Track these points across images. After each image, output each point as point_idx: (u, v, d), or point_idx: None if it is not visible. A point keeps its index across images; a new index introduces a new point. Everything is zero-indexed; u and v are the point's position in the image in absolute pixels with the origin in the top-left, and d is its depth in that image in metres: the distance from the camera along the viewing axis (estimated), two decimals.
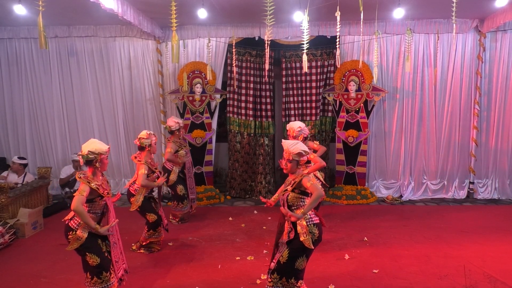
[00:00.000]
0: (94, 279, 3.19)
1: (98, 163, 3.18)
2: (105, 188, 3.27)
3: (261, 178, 6.98)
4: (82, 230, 3.13)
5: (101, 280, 3.18)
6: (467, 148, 6.91)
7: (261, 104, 6.97)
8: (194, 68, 6.77)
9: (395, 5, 5.37)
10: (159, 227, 4.57)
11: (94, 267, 3.17)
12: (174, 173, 5.35)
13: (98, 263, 3.16)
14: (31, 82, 7.17)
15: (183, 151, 5.43)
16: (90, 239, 3.15)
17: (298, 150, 3.12)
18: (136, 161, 4.45)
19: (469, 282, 3.75)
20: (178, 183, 5.47)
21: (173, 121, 5.46)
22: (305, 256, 3.12)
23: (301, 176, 3.09)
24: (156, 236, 4.58)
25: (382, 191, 7.01)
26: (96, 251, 3.18)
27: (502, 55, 6.59)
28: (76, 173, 3.23)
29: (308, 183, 3.01)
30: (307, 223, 3.06)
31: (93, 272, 3.19)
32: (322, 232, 3.15)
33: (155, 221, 4.50)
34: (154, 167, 4.56)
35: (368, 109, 6.69)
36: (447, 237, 4.97)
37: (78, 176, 3.15)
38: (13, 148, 7.36)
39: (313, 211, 3.14)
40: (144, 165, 4.37)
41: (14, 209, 5.36)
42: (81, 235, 3.12)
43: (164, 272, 4.03)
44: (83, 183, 3.11)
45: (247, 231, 5.24)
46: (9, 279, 3.95)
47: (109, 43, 7.00)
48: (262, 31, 6.62)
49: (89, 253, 3.16)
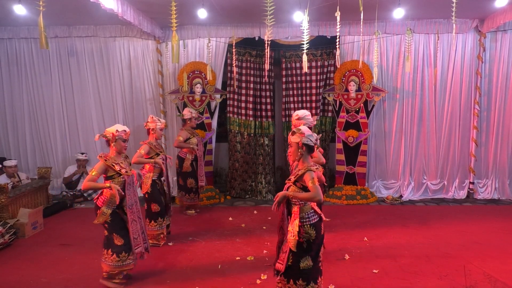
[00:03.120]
0: (113, 256, 3.62)
1: (113, 144, 3.62)
2: (123, 167, 3.65)
3: (261, 178, 6.98)
4: (106, 207, 3.58)
5: (119, 258, 3.63)
6: (467, 148, 6.91)
7: (261, 104, 6.97)
8: (194, 68, 6.77)
9: (395, 5, 5.37)
10: (159, 219, 4.73)
11: (118, 246, 3.62)
12: (188, 161, 5.73)
13: (122, 244, 3.62)
14: (31, 82, 7.17)
15: (194, 139, 5.82)
16: (117, 221, 3.62)
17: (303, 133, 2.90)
18: (140, 142, 4.86)
19: (469, 282, 3.75)
20: (190, 175, 5.81)
21: (187, 110, 5.97)
22: (308, 256, 2.92)
23: (306, 169, 2.84)
24: (158, 228, 4.74)
25: (382, 191, 7.01)
26: (123, 234, 3.64)
27: (502, 55, 6.59)
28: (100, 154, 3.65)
29: (310, 182, 2.77)
30: (303, 223, 2.88)
31: (114, 250, 3.62)
32: (321, 231, 2.98)
33: (158, 212, 4.72)
34: (159, 150, 4.82)
35: (368, 109, 6.69)
36: (447, 237, 4.97)
37: (99, 156, 3.62)
38: (13, 148, 7.36)
39: (313, 208, 2.95)
40: (146, 145, 4.71)
41: (14, 209, 5.36)
42: (105, 211, 3.56)
43: (164, 272, 4.03)
44: (100, 161, 3.56)
45: (247, 231, 5.24)
46: (9, 279, 3.94)
47: (109, 43, 7.01)
48: (262, 31, 6.63)
49: (117, 234, 3.62)
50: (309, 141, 2.92)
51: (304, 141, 2.90)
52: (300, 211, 2.91)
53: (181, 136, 5.72)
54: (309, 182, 2.78)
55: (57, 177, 7.29)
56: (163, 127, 4.89)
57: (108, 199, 3.58)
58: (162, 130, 4.89)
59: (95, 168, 3.54)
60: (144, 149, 4.69)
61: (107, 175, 3.59)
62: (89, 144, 7.33)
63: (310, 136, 2.93)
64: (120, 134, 3.63)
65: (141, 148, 4.72)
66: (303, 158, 2.94)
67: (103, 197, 3.60)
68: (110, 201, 3.58)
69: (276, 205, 2.92)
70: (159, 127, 4.80)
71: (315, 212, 2.97)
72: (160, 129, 4.82)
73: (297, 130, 2.95)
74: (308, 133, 2.93)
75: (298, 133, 2.92)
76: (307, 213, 2.91)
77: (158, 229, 4.74)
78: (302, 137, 2.90)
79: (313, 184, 2.76)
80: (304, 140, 2.90)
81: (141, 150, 4.68)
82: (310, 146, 2.93)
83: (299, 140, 2.91)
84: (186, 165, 5.76)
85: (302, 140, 2.90)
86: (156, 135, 4.81)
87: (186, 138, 5.76)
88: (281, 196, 2.91)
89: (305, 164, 2.91)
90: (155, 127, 4.76)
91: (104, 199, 3.58)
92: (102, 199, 3.60)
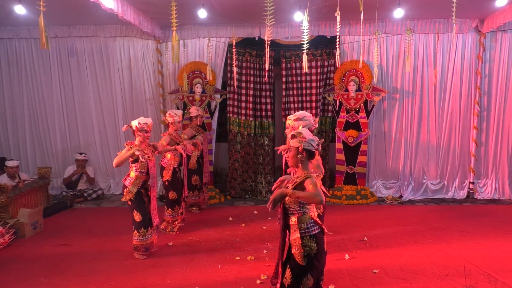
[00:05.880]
0: (135, 232, 4.30)
1: (137, 134, 4.23)
2: (146, 153, 4.23)
3: (261, 178, 6.98)
4: (132, 186, 4.25)
5: (139, 233, 4.29)
6: (467, 148, 6.91)
7: (261, 104, 6.97)
8: (194, 68, 6.77)
9: (395, 5, 5.37)
10: (176, 206, 5.20)
11: (137, 222, 4.27)
12: (194, 157, 5.89)
13: (140, 220, 4.27)
14: (31, 82, 7.17)
15: (200, 136, 6.00)
16: (139, 200, 4.28)
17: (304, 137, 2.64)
18: (162, 134, 5.45)
19: (469, 282, 3.75)
20: (194, 172, 5.93)
21: (194, 108, 6.11)
22: (309, 274, 2.56)
23: (306, 176, 2.57)
24: (174, 214, 5.21)
25: (382, 191, 7.01)
26: (141, 211, 4.28)
27: (502, 55, 6.59)
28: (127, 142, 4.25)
29: (311, 185, 2.49)
30: (303, 234, 2.57)
31: (135, 226, 4.30)
32: (323, 243, 2.66)
33: (174, 200, 5.18)
34: (179, 140, 5.32)
35: (368, 109, 6.69)
36: (447, 237, 4.97)
37: (125, 143, 4.23)
38: (13, 148, 7.36)
39: (313, 219, 2.65)
40: (167, 136, 5.20)
41: (14, 209, 5.36)
42: (132, 189, 4.24)
43: (164, 272, 4.03)
44: (126, 147, 4.18)
45: (247, 231, 5.24)
46: (9, 279, 3.94)
47: (109, 43, 7.01)
48: (262, 31, 6.62)
49: (137, 210, 4.27)
50: (310, 146, 2.63)
51: (305, 146, 2.61)
52: (298, 221, 2.60)
53: (186, 133, 5.85)
54: (310, 186, 2.50)
55: (57, 177, 7.29)
56: (180, 119, 5.36)
57: (134, 180, 4.25)
58: (180, 122, 5.37)
59: (120, 152, 4.20)
60: (165, 140, 5.16)
61: (133, 159, 4.22)
62: (89, 144, 7.33)
63: (312, 141, 2.65)
64: (142, 126, 4.22)
65: (162, 139, 5.20)
66: (302, 164, 2.65)
67: (130, 178, 4.28)
68: (136, 182, 4.26)
69: (271, 204, 2.58)
70: (177, 120, 5.30)
71: (316, 223, 2.65)
72: (178, 122, 5.32)
73: (297, 133, 2.66)
74: (310, 137, 2.65)
75: (299, 137, 2.63)
76: (306, 223, 2.59)
77: (174, 216, 5.21)
78: (303, 142, 2.62)
79: (314, 187, 2.49)
80: (305, 145, 2.62)
81: (162, 141, 5.13)
82: (311, 151, 2.65)
83: (299, 144, 2.62)
84: (192, 162, 5.88)
85: (303, 145, 2.62)
86: (175, 127, 5.32)
87: (192, 135, 5.92)
88: (278, 194, 2.57)
89: (305, 171, 2.63)
90: (174, 121, 5.28)
91: (131, 180, 4.26)
92: (130, 180, 4.27)
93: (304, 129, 2.78)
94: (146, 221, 4.31)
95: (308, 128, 3.75)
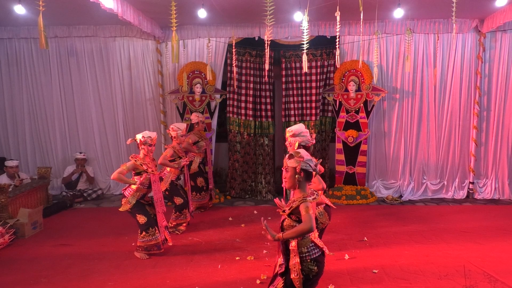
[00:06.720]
0: (143, 233, 4.32)
1: (141, 147, 4.29)
2: (150, 167, 4.30)
3: (261, 178, 6.98)
4: (131, 197, 4.28)
5: (148, 234, 4.32)
6: (467, 148, 6.91)
7: (261, 104, 6.97)
8: (194, 68, 6.77)
9: (395, 5, 5.37)
10: (184, 210, 5.20)
11: (143, 225, 4.31)
12: (195, 163, 5.97)
13: (146, 221, 4.31)
14: (31, 82, 7.17)
15: (203, 142, 6.07)
16: (139, 205, 4.31)
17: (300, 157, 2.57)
18: (165, 146, 5.48)
19: (469, 282, 3.75)
20: (198, 175, 5.99)
21: (195, 115, 6.18)
22: None
23: (301, 200, 2.50)
24: (182, 218, 5.21)
25: (382, 191, 7.01)
26: (144, 213, 4.32)
27: (502, 55, 6.59)
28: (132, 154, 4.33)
29: (304, 211, 2.45)
30: (303, 258, 2.52)
31: (142, 228, 4.32)
32: (323, 266, 2.63)
33: (182, 204, 5.17)
34: (182, 154, 5.34)
35: (368, 109, 6.69)
36: (447, 237, 4.97)
37: (130, 156, 4.30)
38: (13, 148, 7.36)
39: (314, 242, 2.60)
40: (170, 149, 5.20)
41: (14, 209, 5.36)
42: (130, 200, 4.27)
43: (164, 272, 4.03)
44: (130, 160, 4.25)
45: (247, 231, 5.24)
46: (9, 279, 3.94)
47: (109, 43, 7.01)
48: (262, 31, 6.62)
49: (139, 214, 4.30)
50: (308, 167, 2.56)
51: (302, 166, 2.54)
52: (298, 245, 2.54)
53: (191, 138, 5.90)
54: (303, 210, 2.46)
55: (57, 177, 7.29)
56: (183, 133, 5.38)
57: (134, 192, 4.29)
58: (183, 136, 5.39)
59: (126, 165, 4.23)
60: (168, 153, 5.17)
61: (136, 172, 4.28)
62: (89, 144, 7.33)
63: (310, 161, 2.58)
64: (146, 139, 4.28)
65: (165, 151, 5.22)
66: (300, 186, 2.58)
67: (130, 189, 4.31)
68: (135, 194, 4.30)
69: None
70: (180, 134, 5.30)
71: (316, 246, 2.60)
72: (181, 136, 5.32)
73: (295, 153, 2.60)
74: (307, 158, 2.59)
75: (297, 157, 2.56)
76: (306, 247, 2.55)
77: (183, 219, 5.24)
78: (301, 162, 2.55)
79: (306, 213, 2.44)
80: (303, 165, 2.55)
81: (166, 153, 5.14)
82: (308, 172, 2.59)
83: (296, 165, 2.55)
84: (193, 167, 5.93)
85: (300, 164, 2.54)
86: (178, 141, 5.31)
87: (195, 141, 5.96)
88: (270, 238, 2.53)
89: (302, 193, 2.56)
90: (177, 135, 5.28)
91: (131, 191, 4.30)
92: (130, 191, 4.31)
93: (302, 150, 2.70)
94: (152, 220, 4.35)
95: (305, 144, 3.69)
